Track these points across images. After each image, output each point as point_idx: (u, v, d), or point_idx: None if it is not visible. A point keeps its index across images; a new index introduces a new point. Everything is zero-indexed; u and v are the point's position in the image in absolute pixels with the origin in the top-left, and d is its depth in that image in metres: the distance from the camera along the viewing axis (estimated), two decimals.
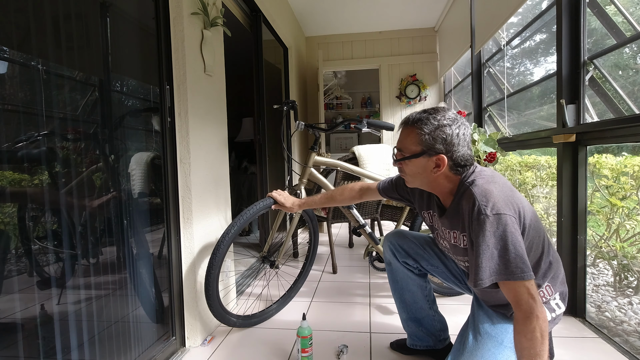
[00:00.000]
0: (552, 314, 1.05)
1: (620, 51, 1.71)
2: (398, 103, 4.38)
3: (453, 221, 1.04)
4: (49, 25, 0.98)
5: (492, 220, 0.90)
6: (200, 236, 1.58)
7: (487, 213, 0.90)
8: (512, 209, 0.92)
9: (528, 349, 0.86)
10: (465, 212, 0.96)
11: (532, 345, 0.85)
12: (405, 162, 1.05)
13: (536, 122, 2.57)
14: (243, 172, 3.86)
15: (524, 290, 0.88)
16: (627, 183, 1.79)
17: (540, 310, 0.86)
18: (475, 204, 0.92)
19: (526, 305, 0.87)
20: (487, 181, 0.97)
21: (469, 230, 0.96)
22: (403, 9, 3.71)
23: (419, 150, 1.01)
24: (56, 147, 1.00)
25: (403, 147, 1.05)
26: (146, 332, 1.35)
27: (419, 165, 1.02)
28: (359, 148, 2.34)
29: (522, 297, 0.87)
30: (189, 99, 1.50)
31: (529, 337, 0.85)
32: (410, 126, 1.03)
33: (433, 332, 1.37)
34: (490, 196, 0.92)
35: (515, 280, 0.88)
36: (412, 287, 1.34)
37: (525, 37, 2.60)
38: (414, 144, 1.01)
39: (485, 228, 0.90)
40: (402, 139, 1.05)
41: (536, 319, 0.85)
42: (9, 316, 0.87)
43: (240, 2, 2.38)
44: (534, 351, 0.85)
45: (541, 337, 0.85)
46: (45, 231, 0.98)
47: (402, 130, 1.06)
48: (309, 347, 1.35)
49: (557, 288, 1.06)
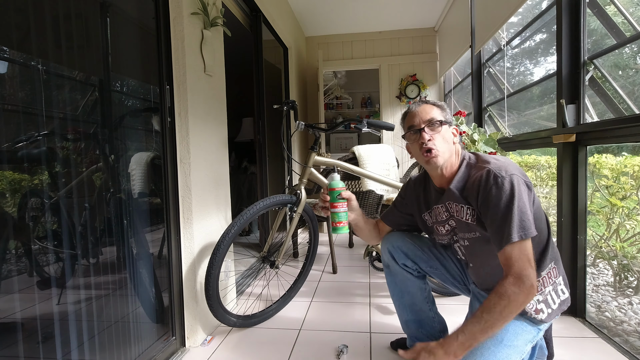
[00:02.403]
0: (558, 299, 1.05)
1: (620, 51, 1.71)
2: (398, 103, 4.38)
3: (456, 194, 1.07)
4: (49, 25, 0.98)
5: (509, 181, 0.95)
6: (200, 236, 1.58)
7: (502, 175, 0.96)
8: (523, 174, 0.99)
9: (495, 312, 0.87)
10: (477, 179, 1.00)
11: (502, 308, 0.86)
12: (438, 128, 1.10)
13: (536, 122, 2.57)
14: (243, 172, 3.86)
15: (527, 250, 0.91)
16: (627, 183, 1.79)
17: (534, 279, 0.89)
18: (491, 171, 0.98)
19: (525, 268, 0.89)
20: (491, 156, 1.07)
21: (479, 199, 0.99)
22: (403, 9, 3.71)
23: (443, 119, 1.11)
24: (56, 147, 1.00)
25: (433, 117, 1.10)
26: (146, 332, 1.35)
27: (448, 133, 1.11)
28: (359, 148, 2.34)
29: (528, 255, 0.91)
30: (189, 99, 1.50)
31: (506, 303, 0.87)
32: (430, 104, 1.13)
33: (433, 334, 1.36)
34: (502, 164, 1.00)
35: (525, 240, 0.91)
36: (411, 289, 1.33)
37: (525, 37, 2.60)
38: (440, 116, 1.11)
39: (503, 188, 0.94)
40: (428, 112, 1.11)
41: (529, 284, 0.88)
42: (9, 316, 0.87)
43: (240, 2, 2.38)
44: (499, 316, 0.87)
45: (516, 309, 0.87)
46: (45, 231, 0.98)
47: (423, 108, 1.13)
48: (339, 203, 1.20)
49: (560, 271, 1.08)
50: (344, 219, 1.21)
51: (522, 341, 1.02)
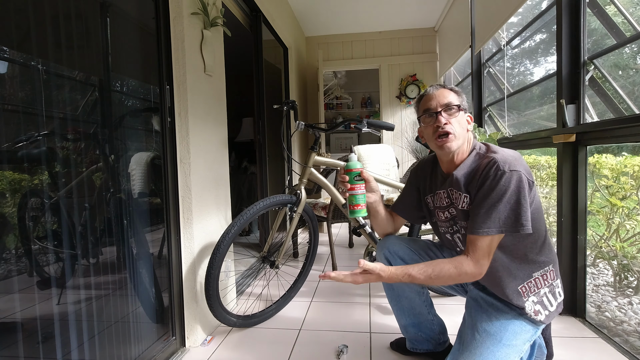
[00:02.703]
0: (555, 301, 1.06)
1: (620, 51, 1.71)
2: (398, 103, 4.38)
3: (459, 182, 1.06)
4: (49, 25, 0.98)
5: (508, 176, 0.95)
6: (200, 236, 1.58)
7: (504, 169, 0.95)
8: (527, 171, 0.98)
9: (442, 274, 0.98)
10: (480, 168, 1.01)
11: (447, 276, 0.98)
12: (457, 114, 1.08)
13: (536, 122, 2.57)
14: (243, 172, 3.86)
15: (494, 244, 0.99)
16: (627, 183, 1.79)
17: (485, 270, 0.99)
18: (493, 162, 0.98)
19: (484, 258, 0.98)
20: (502, 148, 1.05)
21: (477, 185, 1.00)
22: (403, 9, 3.71)
23: (461, 105, 1.09)
24: (56, 147, 1.00)
25: (451, 102, 1.08)
26: (146, 332, 1.35)
27: (463, 119, 1.09)
28: (359, 148, 2.34)
29: (490, 250, 0.98)
30: (189, 99, 1.50)
31: (455, 274, 0.98)
32: (447, 88, 1.10)
33: (432, 336, 1.36)
34: (508, 157, 0.98)
35: (499, 234, 0.97)
36: (409, 294, 1.31)
37: (525, 37, 2.60)
38: (457, 100, 1.08)
39: (500, 182, 0.95)
40: (446, 96, 1.08)
41: (479, 272, 0.98)
42: (9, 316, 0.87)
43: (240, 2, 2.38)
44: (439, 275, 0.99)
45: (454, 281, 1.00)
46: (45, 231, 0.98)
47: (441, 91, 1.10)
48: (356, 185, 1.15)
49: (558, 274, 1.09)
50: (362, 202, 1.16)
51: (520, 340, 1.02)
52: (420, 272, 1.00)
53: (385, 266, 1.03)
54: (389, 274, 1.01)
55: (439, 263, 1.01)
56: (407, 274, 1.01)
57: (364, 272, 1.02)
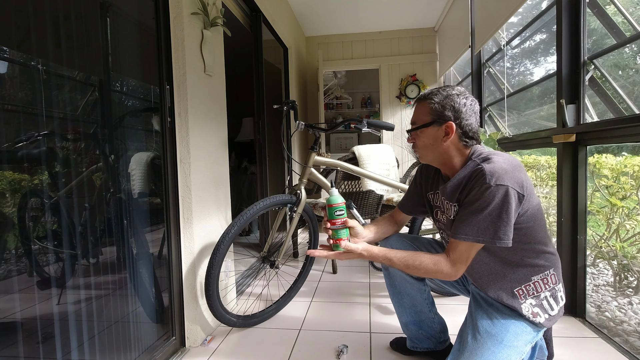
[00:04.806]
0: (557, 305, 1.06)
1: (620, 51, 1.71)
2: (398, 103, 4.38)
3: (449, 193, 1.07)
4: (49, 25, 0.98)
5: (493, 191, 0.94)
6: (200, 236, 1.58)
7: (490, 183, 0.94)
8: (518, 184, 0.95)
9: (421, 266, 1.03)
10: (469, 177, 1.01)
11: (424, 270, 1.03)
12: (417, 133, 1.10)
13: (536, 122, 2.57)
14: (243, 172, 3.86)
15: (473, 251, 1.01)
16: (627, 183, 1.79)
17: (461, 273, 1.02)
18: (482, 173, 0.96)
19: (461, 262, 1.01)
20: (496, 156, 1.03)
21: (465, 194, 1.01)
22: (403, 9, 3.71)
23: (429, 119, 1.07)
24: (56, 147, 1.00)
25: (416, 119, 1.11)
26: (146, 332, 1.35)
27: (430, 135, 1.08)
28: (359, 148, 2.34)
29: (468, 256, 1.01)
30: (189, 99, 1.50)
31: (432, 269, 1.02)
32: (422, 100, 1.09)
33: (433, 335, 1.36)
34: (498, 169, 0.96)
35: (478, 243, 0.99)
36: (411, 291, 1.32)
37: (525, 37, 2.60)
38: (425, 115, 1.08)
39: (484, 195, 0.95)
40: (415, 113, 1.12)
41: (453, 274, 1.02)
42: (9, 316, 0.87)
43: (240, 2, 2.38)
44: (418, 267, 1.03)
45: (428, 275, 1.05)
46: (45, 231, 0.98)
47: (416, 106, 1.12)
48: (337, 219, 1.10)
49: (560, 278, 1.09)
50: (344, 236, 1.11)
51: (521, 342, 1.02)
52: (401, 259, 1.06)
53: (369, 246, 1.11)
54: (370, 254, 1.10)
55: (420, 256, 1.05)
56: (387, 258, 1.08)
57: (347, 252, 1.10)
